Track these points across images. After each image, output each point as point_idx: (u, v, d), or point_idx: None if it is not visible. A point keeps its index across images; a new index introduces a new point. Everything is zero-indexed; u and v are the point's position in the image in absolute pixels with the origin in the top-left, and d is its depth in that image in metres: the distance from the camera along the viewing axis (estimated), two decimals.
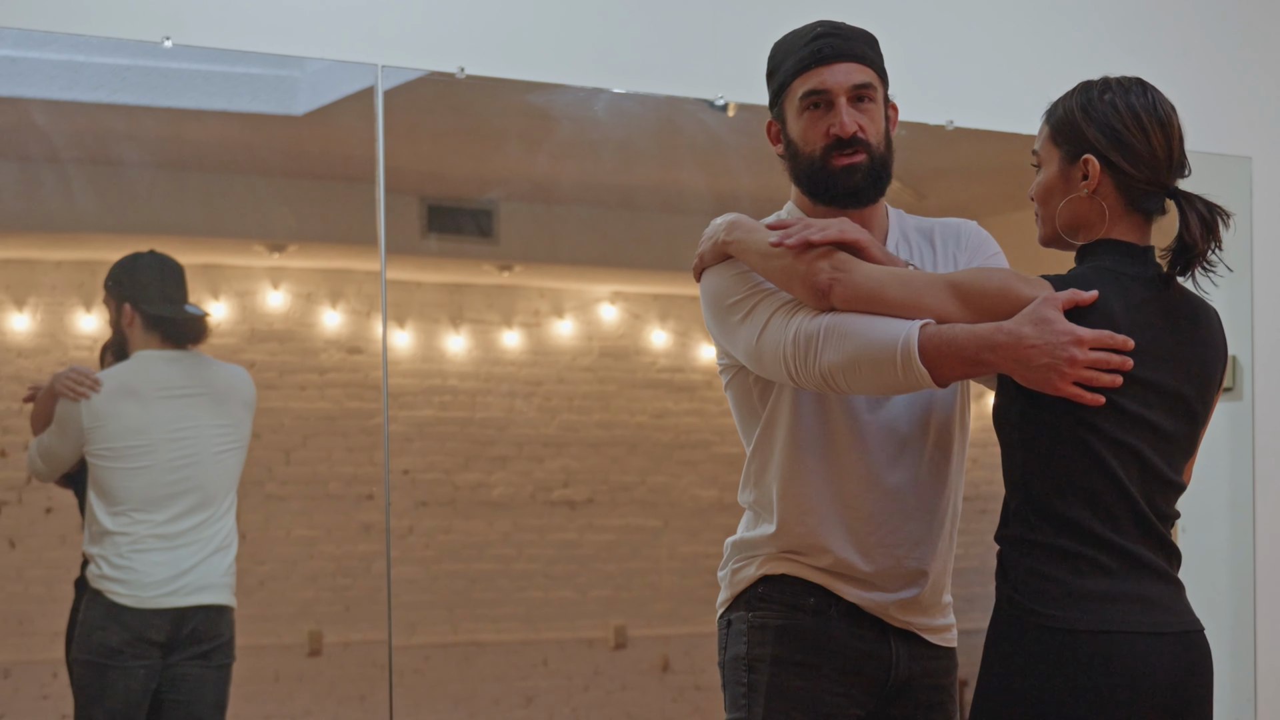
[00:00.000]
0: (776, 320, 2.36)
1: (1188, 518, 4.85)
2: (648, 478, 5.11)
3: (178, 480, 3.81)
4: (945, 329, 2.26)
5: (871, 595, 2.49)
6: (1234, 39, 4.93)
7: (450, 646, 4.90)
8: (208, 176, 4.25)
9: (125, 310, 3.87)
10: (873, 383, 2.31)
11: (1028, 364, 2.21)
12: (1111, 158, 2.28)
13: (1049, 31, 4.67)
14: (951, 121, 4.49)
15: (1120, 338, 2.22)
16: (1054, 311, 2.21)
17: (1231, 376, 4.85)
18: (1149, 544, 2.27)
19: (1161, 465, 2.28)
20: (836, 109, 2.45)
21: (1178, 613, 2.29)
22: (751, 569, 2.53)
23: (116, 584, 3.74)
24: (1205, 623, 2.36)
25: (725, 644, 2.56)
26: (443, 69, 3.99)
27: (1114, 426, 2.23)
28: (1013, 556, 2.29)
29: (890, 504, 2.48)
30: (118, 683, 3.72)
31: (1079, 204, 2.31)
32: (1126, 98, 2.29)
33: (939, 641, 2.56)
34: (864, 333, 2.28)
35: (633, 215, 4.98)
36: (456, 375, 4.91)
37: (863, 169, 2.46)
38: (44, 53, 3.80)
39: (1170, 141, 2.29)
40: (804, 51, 2.47)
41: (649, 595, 5.11)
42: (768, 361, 2.39)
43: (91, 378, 3.79)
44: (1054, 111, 2.35)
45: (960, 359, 2.25)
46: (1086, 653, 2.21)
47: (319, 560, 4.53)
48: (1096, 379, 2.20)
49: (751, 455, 2.56)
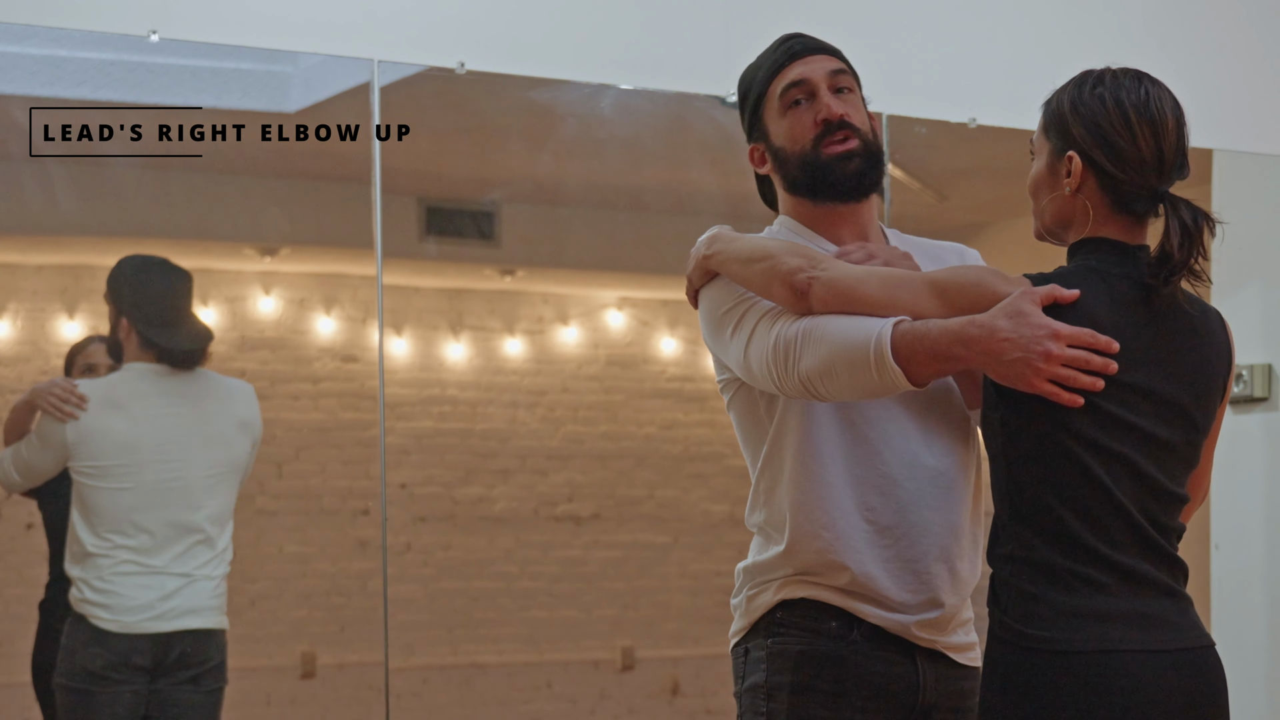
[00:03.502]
0: (761, 328, 2.36)
1: (1221, 535, 4.84)
2: (656, 492, 5.14)
3: (164, 503, 3.75)
4: (918, 325, 2.24)
5: (893, 616, 2.45)
6: (1269, 35, 4.94)
7: (449, 668, 4.92)
8: (196, 177, 4.24)
9: (122, 324, 3.80)
10: (850, 386, 2.29)
11: (1000, 358, 2.17)
12: (1094, 156, 2.24)
13: (1076, 24, 4.67)
14: (974, 119, 4.47)
15: (1103, 338, 2.17)
16: (1030, 305, 2.17)
17: (1267, 386, 4.84)
18: (1147, 557, 2.22)
19: (1157, 475, 2.22)
20: (819, 97, 2.48)
21: (1181, 629, 2.22)
22: (768, 595, 2.48)
23: (99, 608, 3.69)
24: (1240, 640, 2.28)
25: (743, 673, 2.52)
26: (442, 64, 3.96)
27: (1099, 433, 2.18)
28: (1003, 577, 2.25)
29: (909, 519, 2.44)
30: (103, 709, 3.68)
31: (1063, 202, 2.28)
32: (1117, 93, 2.25)
33: (965, 661, 2.50)
34: (838, 334, 2.27)
35: (640, 217, 5.01)
36: (456, 385, 4.93)
37: (858, 154, 2.48)
38: (24, 47, 3.78)
39: (1160, 142, 2.24)
40: (775, 55, 2.52)
41: (658, 615, 5.14)
42: (756, 372, 2.38)
43: (78, 394, 3.72)
44: (1049, 101, 2.32)
45: (932, 355, 2.22)
46: (1083, 675, 2.16)
47: (312, 578, 4.54)
48: (1075, 379, 2.15)
49: (760, 474, 2.53)
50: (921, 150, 4.57)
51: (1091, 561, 2.19)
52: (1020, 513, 2.23)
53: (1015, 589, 2.22)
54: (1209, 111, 4.81)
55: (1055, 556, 2.19)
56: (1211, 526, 4.82)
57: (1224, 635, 2.36)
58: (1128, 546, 2.20)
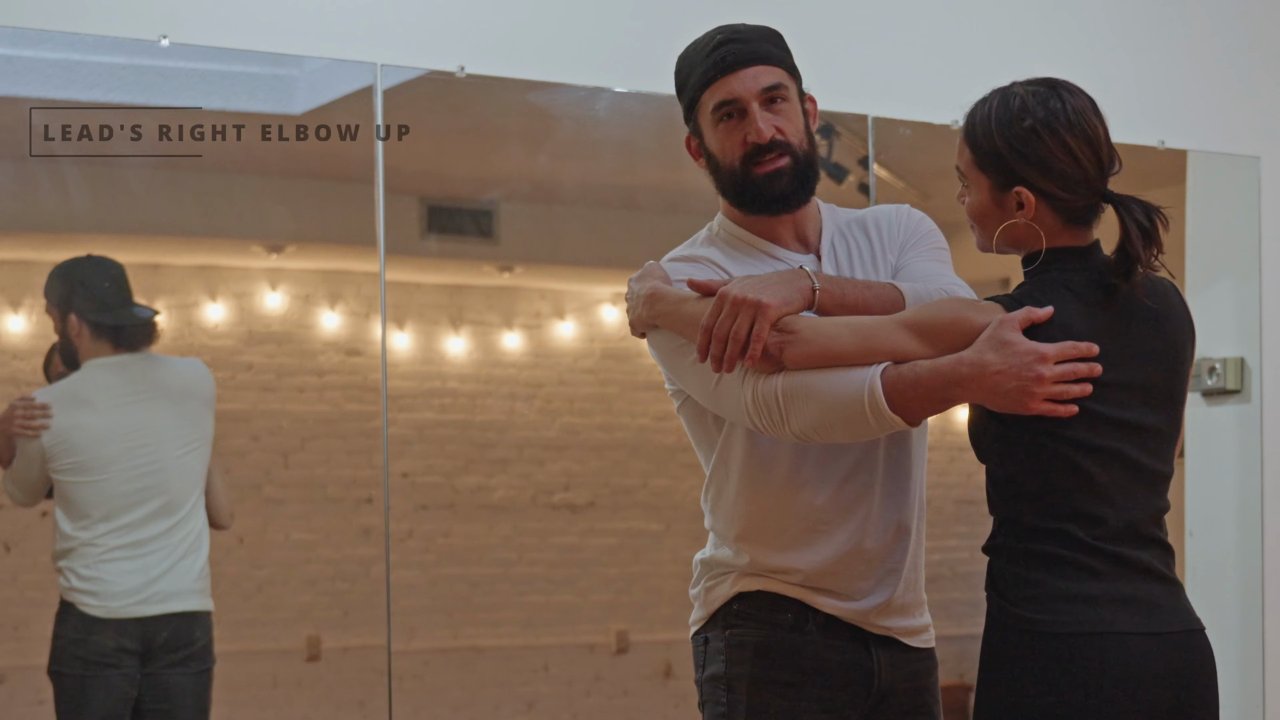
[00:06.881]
0: (730, 377, 2.31)
1: (1195, 521, 4.89)
2: (650, 481, 5.11)
3: (141, 488, 3.76)
4: (906, 370, 2.22)
5: (848, 605, 2.45)
6: (1242, 38, 4.92)
7: (450, 651, 4.89)
8: (205, 176, 4.23)
9: (71, 321, 3.79)
10: (848, 435, 2.28)
11: (996, 390, 2.18)
12: (1044, 187, 2.24)
13: (1053, 30, 4.65)
14: (957, 121, 4.38)
15: (1084, 345, 2.20)
16: (1013, 333, 2.18)
17: (1239, 379, 4.83)
18: (1139, 545, 2.25)
19: (1148, 461, 2.26)
20: (750, 116, 2.40)
21: (1175, 612, 2.26)
22: (725, 587, 2.48)
23: (86, 595, 3.70)
24: (1214, 626, 2.33)
25: (703, 662, 2.51)
26: (442, 68, 3.97)
27: (1093, 435, 2.21)
28: (1000, 564, 2.27)
29: (856, 514, 2.44)
30: (97, 694, 3.69)
31: (1017, 229, 2.28)
32: (1048, 120, 2.22)
33: (918, 644, 2.52)
34: (825, 392, 2.24)
35: (635, 216, 4.97)
36: (456, 377, 4.91)
37: (787, 173, 2.41)
38: (39, 51, 3.79)
39: (1098, 153, 2.25)
40: (707, 63, 2.43)
41: (651, 600, 5.10)
42: (729, 411, 2.36)
43: (40, 407, 3.72)
44: (973, 134, 2.28)
45: (928, 399, 2.22)
46: (1081, 656, 2.18)
47: (317, 564, 4.52)
48: (1066, 391, 2.18)
49: (710, 478, 2.52)
50: (905, 151, 4.57)
51: (1085, 551, 2.21)
52: (1017, 517, 2.25)
53: (1013, 574, 2.24)
54: (1183, 113, 4.81)
55: (1050, 548, 2.22)
56: (1186, 514, 4.82)
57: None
58: (1121, 537, 2.23)
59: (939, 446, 4.78)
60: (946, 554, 5.09)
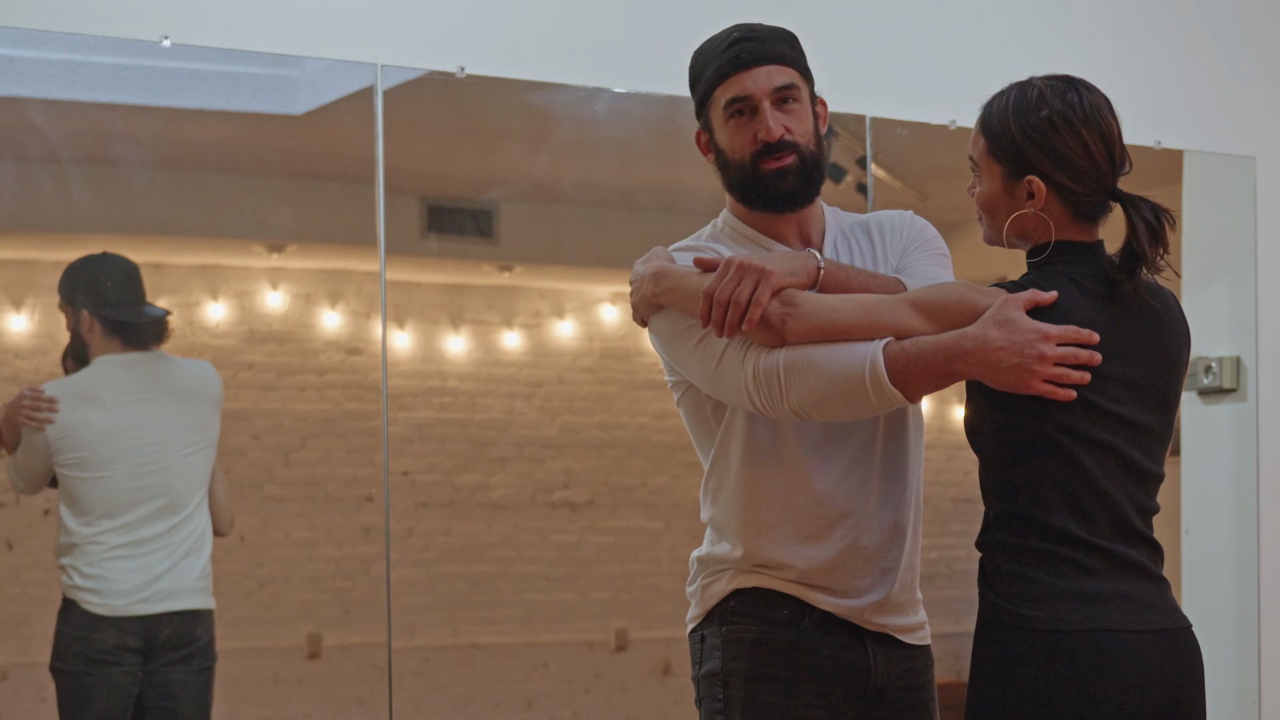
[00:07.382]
0: (731, 354, 2.33)
1: (1191, 520, 4.91)
2: (649, 479, 5.10)
3: (146, 486, 3.77)
4: (909, 345, 2.24)
5: (844, 602, 2.46)
6: (1238, 39, 4.94)
7: (450, 649, 4.89)
8: (206, 177, 4.24)
9: (84, 317, 3.81)
10: (846, 411, 2.29)
11: (997, 366, 2.20)
12: (1056, 178, 2.27)
13: (1049, 29, 4.66)
14: (954, 121, 4.48)
15: (1085, 332, 2.22)
16: (1017, 312, 2.20)
17: (1235, 378, 4.84)
18: (1130, 542, 2.27)
19: (1141, 459, 2.28)
20: (761, 114, 2.43)
21: (1164, 610, 2.28)
22: (721, 584, 2.50)
23: (89, 593, 3.71)
24: (1209, 624, 2.35)
25: (700, 659, 2.52)
26: (443, 68, 3.98)
27: (1090, 426, 2.23)
28: (994, 561, 2.28)
29: (852, 512, 2.45)
30: (99, 691, 3.70)
31: (1026, 219, 2.30)
32: (1064, 112, 2.26)
33: (913, 640, 2.54)
34: (826, 365, 2.26)
35: (634, 215, 4.98)
36: (456, 376, 4.91)
37: (793, 171, 2.44)
38: (41, 52, 3.79)
39: (1111, 149, 2.28)
40: (722, 59, 2.45)
41: (650, 597, 5.10)
42: (728, 393, 2.37)
43: (47, 399, 3.73)
44: (989, 122, 2.32)
45: (930, 373, 2.23)
46: (1073, 653, 2.20)
47: (318, 562, 4.52)
48: (1066, 375, 2.20)
49: (709, 472, 2.53)
50: (903, 151, 4.58)
51: (1079, 548, 2.23)
52: (1011, 508, 2.26)
53: (1006, 572, 2.25)
54: (1179, 113, 4.83)
55: (1044, 544, 2.23)
56: (1182, 512, 4.82)
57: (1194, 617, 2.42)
58: (1113, 533, 2.24)
59: (936, 445, 4.79)
60: (944, 552, 5.10)
